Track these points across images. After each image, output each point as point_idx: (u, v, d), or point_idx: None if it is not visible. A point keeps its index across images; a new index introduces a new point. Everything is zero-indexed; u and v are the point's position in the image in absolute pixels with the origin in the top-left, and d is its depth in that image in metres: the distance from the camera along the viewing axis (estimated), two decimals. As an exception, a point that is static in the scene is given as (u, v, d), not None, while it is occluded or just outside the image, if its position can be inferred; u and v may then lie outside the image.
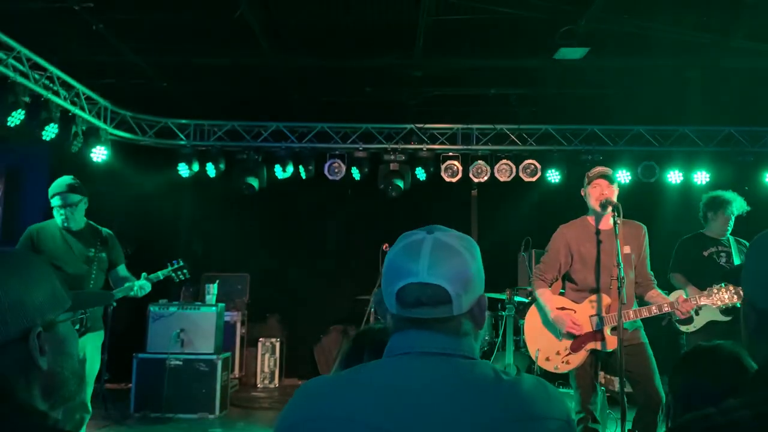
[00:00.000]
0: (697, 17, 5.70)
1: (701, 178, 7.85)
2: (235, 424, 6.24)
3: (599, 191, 3.92)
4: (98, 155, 7.22)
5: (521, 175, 7.87)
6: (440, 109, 8.10)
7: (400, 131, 8.10)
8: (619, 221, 3.74)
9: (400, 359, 1.25)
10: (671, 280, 5.08)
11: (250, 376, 8.36)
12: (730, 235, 5.07)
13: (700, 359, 1.85)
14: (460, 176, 7.91)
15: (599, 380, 5.59)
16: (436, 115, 8.11)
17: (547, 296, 4.06)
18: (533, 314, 4.15)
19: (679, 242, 5.20)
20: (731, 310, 4.70)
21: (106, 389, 6.35)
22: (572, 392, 4.04)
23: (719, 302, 3.95)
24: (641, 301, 4.02)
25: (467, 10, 5.66)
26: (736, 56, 6.40)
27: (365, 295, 6.90)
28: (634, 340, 3.81)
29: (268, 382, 8.31)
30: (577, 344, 3.92)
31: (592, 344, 3.89)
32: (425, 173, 8.00)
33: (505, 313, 6.57)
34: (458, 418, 1.15)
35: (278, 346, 8.38)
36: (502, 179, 7.89)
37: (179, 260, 4.82)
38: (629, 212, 3.92)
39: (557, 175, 7.90)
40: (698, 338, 4.83)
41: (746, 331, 1.20)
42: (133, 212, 8.19)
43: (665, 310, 3.87)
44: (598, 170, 4.03)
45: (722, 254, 4.97)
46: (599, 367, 4.05)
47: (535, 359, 4.10)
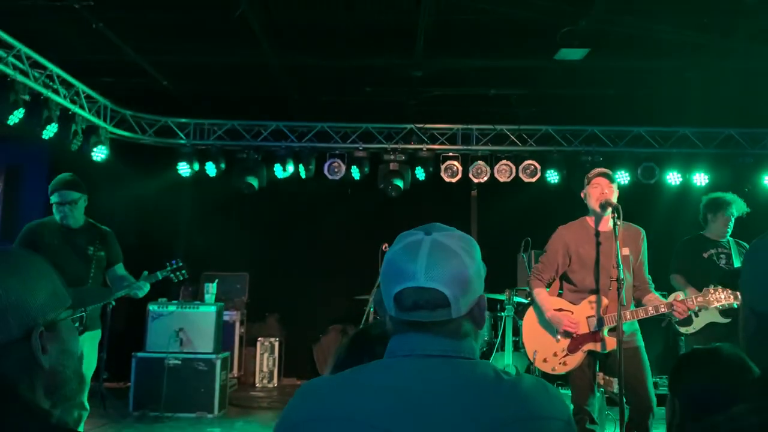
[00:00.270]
0: (697, 18, 5.70)
1: (701, 179, 7.85)
2: (233, 423, 6.23)
3: (599, 191, 3.92)
4: (98, 154, 7.21)
5: (521, 175, 7.87)
6: (440, 109, 8.10)
7: (400, 131, 8.10)
8: (618, 223, 3.74)
9: (401, 361, 1.25)
10: (671, 281, 5.08)
11: (248, 375, 8.36)
12: (730, 237, 5.07)
13: (703, 362, 1.82)
14: (459, 176, 7.91)
15: (598, 381, 5.60)
16: (436, 115, 8.10)
17: (543, 296, 4.06)
18: (531, 315, 4.15)
19: (679, 243, 5.20)
20: (730, 311, 4.70)
21: (104, 388, 6.35)
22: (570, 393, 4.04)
23: (715, 302, 3.95)
24: (638, 304, 4.02)
25: (468, 10, 5.66)
26: (736, 57, 6.41)
27: (364, 294, 6.88)
28: (629, 343, 3.80)
29: (266, 381, 8.30)
30: (574, 345, 3.92)
31: (589, 345, 3.89)
32: (425, 173, 7.99)
33: (504, 313, 6.58)
34: (459, 418, 1.15)
35: (277, 345, 8.38)
36: (501, 180, 7.89)
37: (178, 260, 4.78)
38: (629, 213, 3.91)
39: (557, 175, 7.89)
40: (697, 340, 4.83)
41: (745, 333, 1.19)
42: (132, 211, 8.19)
43: (662, 311, 3.87)
44: (598, 170, 4.05)
45: (722, 256, 4.97)
46: (597, 368, 4.04)
47: (532, 360, 4.10)
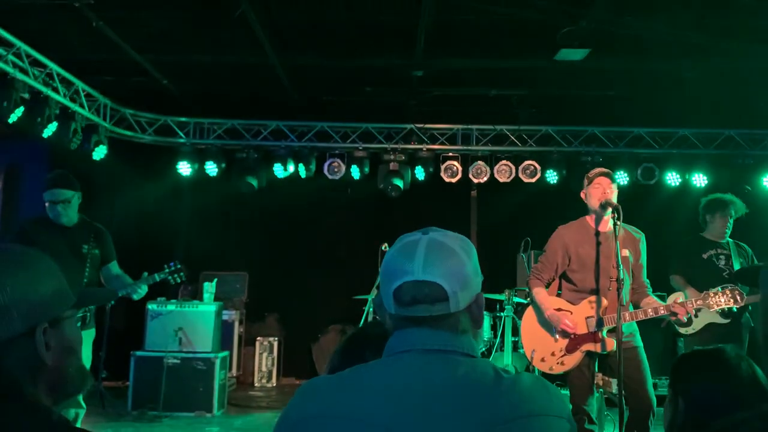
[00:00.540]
0: (697, 19, 5.70)
1: (700, 180, 7.85)
2: (232, 423, 6.23)
3: (601, 190, 3.90)
4: (97, 152, 7.21)
5: (521, 175, 7.87)
6: (440, 109, 8.10)
7: (400, 131, 8.10)
8: (618, 223, 3.73)
9: (400, 357, 1.25)
10: (671, 281, 5.08)
11: (247, 375, 8.35)
12: (729, 238, 5.08)
13: (707, 363, 1.80)
14: (459, 176, 7.90)
15: (597, 382, 5.59)
16: (436, 115, 8.10)
17: (543, 295, 4.05)
18: (530, 315, 4.15)
19: (678, 244, 5.21)
20: (730, 312, 4.70)
21: (103, 387, 6.35)
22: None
23: (716, 306, 3.95)
24: (636, 307, 4.02)
25: (468, 10, 5.66)
26: (736, 58, 6.41)
27: (364, 294, 6.89)
28: (628, 344, 3.79)
29: (265, 381, 8.30)
30: (572, 345, 3.91)
31: (587, 346, 3.89)
32: (425, 173, 7.99)
33: (503, 313, 6.58)
34: (459, 416, 1.16)
35: (276, 345, 8.37)
36: (501, 180, 7.89)
37: (176, 262, 4.69)
38: (628, 214, 3.90)
39: (556, 176, 7.89)
40: (697, 340, 4.83)
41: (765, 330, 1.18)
42: (131, 210, 8.18)
43: (661, 313, 3.87)
44: (598, 171, 4.03)
45: (721, 257, 4.97)
46: (596, 368, 4.04)
47: (530, 360, 4.10)
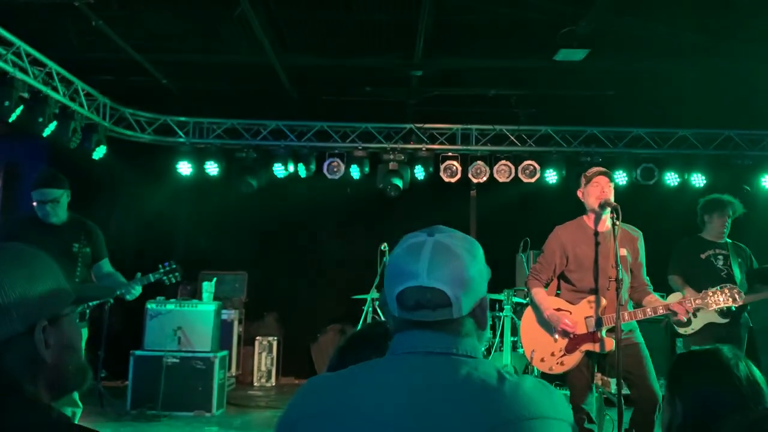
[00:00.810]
0: (696, 19, 5.71)
1: (699, 180, 7.86)
2: (231, 422, 6.23)
3: (599, 189, 3.89)
4: (97, 152, 7.20)
5: (520, 175, 7.87)
6: (440, 109, 8.10)
7: (399, 131, 8.10)
8: (617, 223, 3.74)
9: (404, 358, 1.26)
10: (670, 282, 5.09)
11: (246, 374, 8.35)
12: (728, 238, 5.09)
13: (705, 363, 1.81)
14: (459, 176, 7.90)
15: (596, 381, 5.59)
16: (435, 115, 8.11)
17: (542, 296, 4.05)
18: (529, 315, 4.14)
19: (677, 245, 5.22)
20: (729, 312, 4.70)
21: (102, 386, 6.35)
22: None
23: (714, 305, 3.95)
24: (637, 305, 4.01)
25: (468, 10, 5.66)
26: (735, 59, 6.41)
27: (363, 294, 6.89)
28: (629, 340, 3.80)
29: (264, 380, 8.30)
30: (572, 345, 3.91)
31: (587, 345, 3.89)
32: (424, 173, 7.99)
33: (502, 313, 6.58)
34: (461, 416, 1.16)
35: (275, 344, 8.37)
36: (501, 180, 7.89)
37: (171, 262, 4.62)
38: (627, 214, 3.91)
39: (556, 176, 7.90)
40: (696, 340, 4.84)
41: None
42: (130, 209, 8.18)
43: (660, 312, 3.87)
44: (597, 169, 4.01)
45: (719, 257, 4.98)
46: (595, 368, 4.04)
47: (530, 360, 4.10)
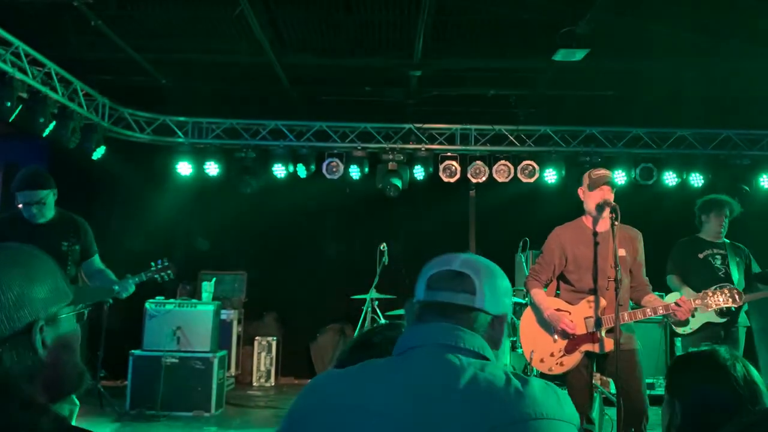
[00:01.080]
0: (695, 19, 5.71)
1: (698, 180, 7.87)
2: (230, 422, 6.23)
3: (601, 196, 3.88)
4: (96, 152, 7.20)
5: (519, 175, 7.88)
6: (439, 109, 8.10)
7: (398, 131, 8.10)
8: (616, 223, 3.74)
9: (412, 353, 1.30)
10: (668, 281, 5.10)
11: (246, 374, 8.35)
12: (726, 238, 5.09)
13: (703, 365, 1.81)
14: (458, 176, 7.91)
15: (595, 382, 5.58)
16: (434, 115, 8.11)
17: (541, 296, 4.05)
18: (528, 316, 4.14)
19: (675, 245, 5.23)
20: (727, 311, 4.71)
21: (101, 386, 6.35)
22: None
23: (714, 305, 3.96)
24: (637, 305, 4.01)
25: (467, 10, 5.67)
26: (734, 59, 6.42)
27: (362, 294, 6.89)
28: (626, 345, 3.77)
29: (264, 380, 8.30)
30: (571, 346, 3.91)
31: (586, 346, 3.89)
32: (423, 173, 8.00)
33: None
34: (467, 415, 1.18)
35: (274, 344, 8.37)
36: (500, 180, 7.89)
37: (164, 260, 4.53)
38: (626, 214, 3.91)
39: (555, 176, 7.90)
40: (694, 340, 4.84)
41: None
42: (129, 209, 8.18)
43: (660, 312, 3.87)
44: (603, 175, 3.93)
45: (717, 257, 4.99)
46: (594, 369, 4.04)
47: (529, 361, 4.09)
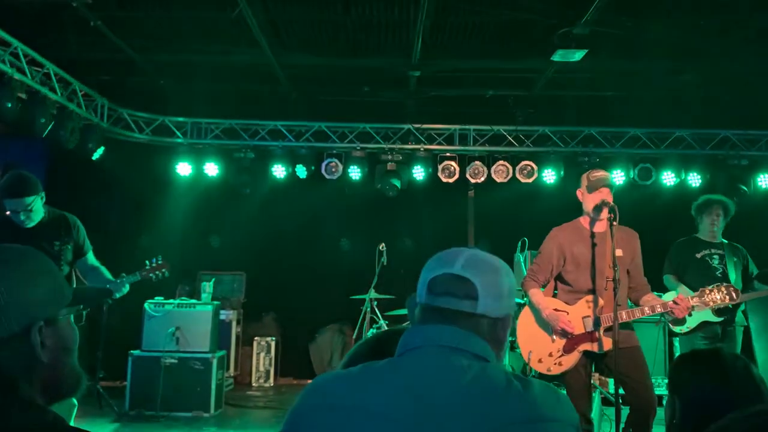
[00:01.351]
0: (693, 20, 5.73)
1: (696, 180, 7.89)
2: (229, 422, 6.23)
3: (600, 197, 3.88)
4: (94, 152, 7.20)
5: (518, 176, 7.88)
6: (437, 109, 8.11)
7: (397, 131, 8.11)
8: (614, 223, 3.75)
9: (413, 354, 1.28)
10: (665, 281, 5.12)
11: (245, 374, 8.35)
12: (723, 238, 5.11)
13: (706, 364, 1.83)
14: (457, 177, 7.91)
15: (594, 382, 5.59)
16: (433, 115, 8.11)
17: (539, 296, 4.05)
18: (526, 315, 4.14)
19: (673, 244, 5.25)
20: (724, 310, 4.72)
21: (101, 387, 6.35)
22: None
23: (712, 303, 3.98)
24: (636, 305, 4.01)
25: (466, 11, 5.68)
26: (732, 59, 6.43)
27: (361, 294, 6.89)
28: (627, 343, 3.78)
29: (263, 381, 8.30)
30: (570, 345, 3.91)
31: (585, 346, 3.89)
32: (422, 173, 8.01)
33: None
34: (468, 416, 1.18)
35: (273, 345, 8.38)
36: (498, 180, 7.90)
37: (158, 257, 4.48)
38: (625, 214, 3.92)
39: (554, 176, 7.92)
40: (691, 339, 4.86)
41: None
42: (128, 210, 8.17)
43: (658, 310, 3.89)
44: (601, 177, 3.93)
45: (715, 257, 5.00)
46: (592, 368, 4.05)
47: (527, 361, 4.09)
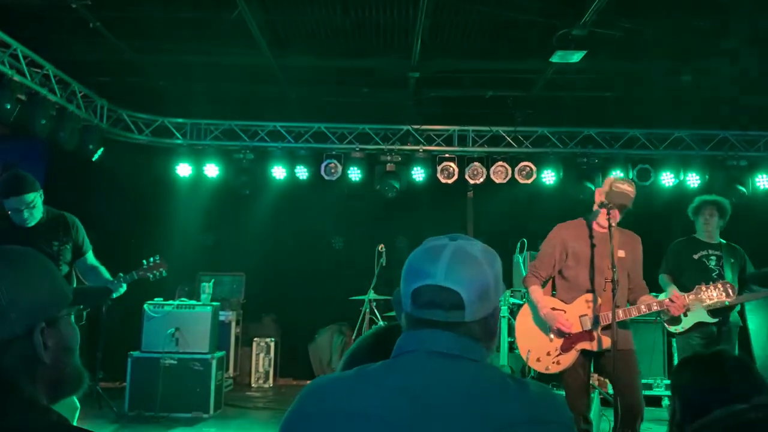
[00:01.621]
0: (692, 21, 5.73)
1: (694, 181, 7.90)
2: (229, 423, 6.23)
3: (613, 216, 3.83)
4: (94, 153, 7.20)
5: (517, 177, 7.89)
6: (437, 110, 8.11)
7: (396, 132, 8.12)
8: (613, 224, 3.77)
9: (407, 358, 1.27)
10: (659, 280, 5.13)
11: (244, 375, 8.36)
12: (721, 238, 5.12)
13: (708, 366, 1.85)
14: (456, 178, 7.92)
15: (593, 383, 5.59)
16: (432, 116, 8.12)
17: (539, 293, 4.05)
18: (525, 314, 4.14)
19: (671, 244, 5.26)
20: (719, 311, 4.73)
21: (100, 388, 6.35)
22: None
23: (708, 300, 3.99)
24: (633, 304, 4.02)
25: (465, 12, 5.68)
26: (731, 60, 6.44)
27: (360, 295, 6.90)
28: (623, 345, 3.79)
29: (262, 381, 8.30)
30: (567, 344, 3.91)
31: (582, 344, 3.89)
32: (421, 174, 8.01)
33: (499, 314, 6.60)
34: (465, 419, 1.17)
35: (273, 345, 8.38)
36: (497, 181, 7.91)
37: (156, 256, 4.47)
38: (624, 214, 3.93)
39: (553, 177, 7.93)
40: (686, 339, 4.87)
41: None
42: (128, 211, 8.17)
43: (655, 308, 3.90)
44: (623, 202, 3.83)
45: (712, 257, 5.01)
46: (591, 368, 4.05)
47: (526, 360, 4.10)
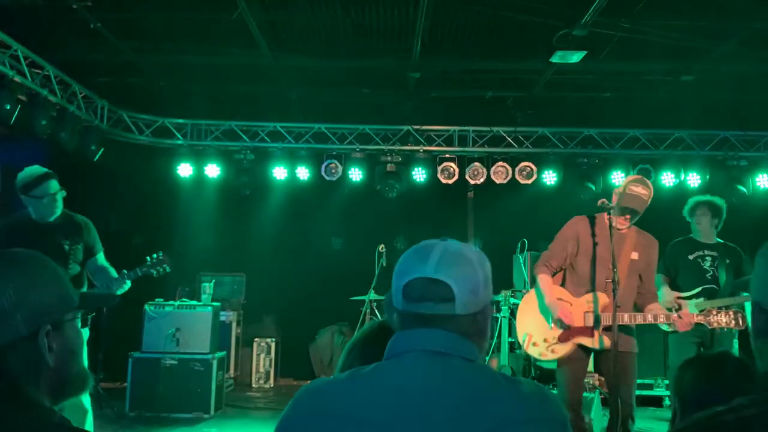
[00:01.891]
0: (692, 21, 5.74)
1: (694, 181, 7.91)
2: (230, 423, 6.23)
3: (622, 222, 3.85)
4: (94, 154, 7.21)
5: (517, 177, 7.90)
6: (437, 110, 8.12)
7: (396, 132, 8.12)
8: (621, 227, 3.77)
9: (400, 359, 1.27)
10: (656, 280, 5.12)
11: (245, 375, 8.36)
12: (719, 238, 5.11)
13: (711, 369, 1.89)
14: (456, 178, 7.93)
15: (594, 382, 5.60)
16: (432, 116, 8.13)
17: (547, 282, 4.01)
18: (530, 299, 4.11)
19: (668, 245, 5.26)
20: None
21: (101, 388, 6.35)
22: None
23: (716, 324, 3.94)
24: (640, 311, 3.97)
25: (465, 12, 5.69)
26: (730, 60, 6.45)
27: (361, 295, 6.90)
28: (624, 347, 3.77)
29: (263, 382, 8.31)
30: (566, 336, 3.88)
31: (581, 339, 3.86)
32: (422, 175, 8.02)
33: (499, 315, 6.60)
34: (458, 418, 1.18)
35: (273, 346, 8.39)
36: (498, 181, 7.91)
37: (159, 253, 4.50)
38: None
39: (553, 177, 7.93)
40: (683, 338, 4.86)
41: (754, 330, 1.23)
42: (129, 211, 8.19)
43: (660, 321, 3.86)
44: (636, 207, 3.81)
45: (708, 258, 5.01)
46: (589, 366, 4.04)
47: (522, 343, 4.08)
